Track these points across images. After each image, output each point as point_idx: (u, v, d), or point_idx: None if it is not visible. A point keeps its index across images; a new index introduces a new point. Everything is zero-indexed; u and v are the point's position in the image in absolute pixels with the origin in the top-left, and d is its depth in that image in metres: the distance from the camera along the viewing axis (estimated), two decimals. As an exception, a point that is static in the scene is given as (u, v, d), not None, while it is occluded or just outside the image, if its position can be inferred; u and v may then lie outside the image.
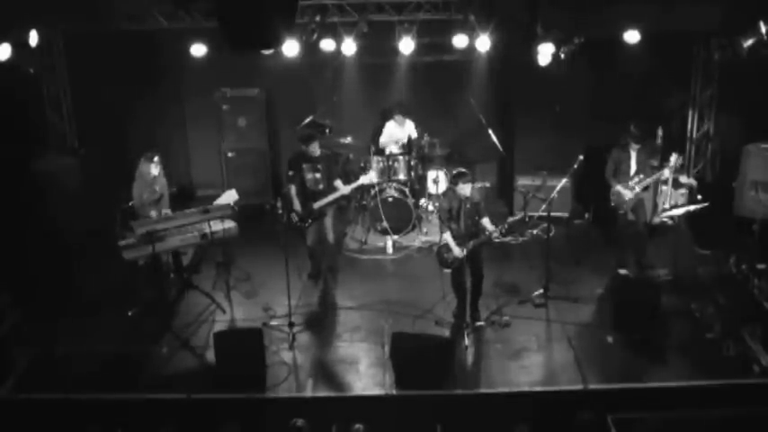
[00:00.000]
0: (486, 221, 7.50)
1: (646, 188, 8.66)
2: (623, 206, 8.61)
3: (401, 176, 10.17)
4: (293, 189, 8.55)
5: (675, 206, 9.32)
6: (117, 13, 9.07)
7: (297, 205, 8.50)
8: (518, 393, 6.69)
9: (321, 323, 8.00)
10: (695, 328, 7.54)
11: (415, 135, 10.39)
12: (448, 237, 7.51)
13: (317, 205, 8.48)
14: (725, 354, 7.09)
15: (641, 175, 8.52)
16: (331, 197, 8.51)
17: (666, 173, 8.63)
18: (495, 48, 9.22)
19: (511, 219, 7.64)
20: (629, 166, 8.59)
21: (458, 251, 7.43)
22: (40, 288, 8.24)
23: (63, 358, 7.26)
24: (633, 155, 8.57)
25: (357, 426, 5.50)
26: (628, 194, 8.51)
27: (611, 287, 8.34)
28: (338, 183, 8.59)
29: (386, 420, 6.14)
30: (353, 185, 8.73)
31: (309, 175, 8.51)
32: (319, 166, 8.50)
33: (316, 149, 8.46)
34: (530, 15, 8.80)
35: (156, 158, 8.18)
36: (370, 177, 9.09)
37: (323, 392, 6.82)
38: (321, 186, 8.52)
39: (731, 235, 8.71)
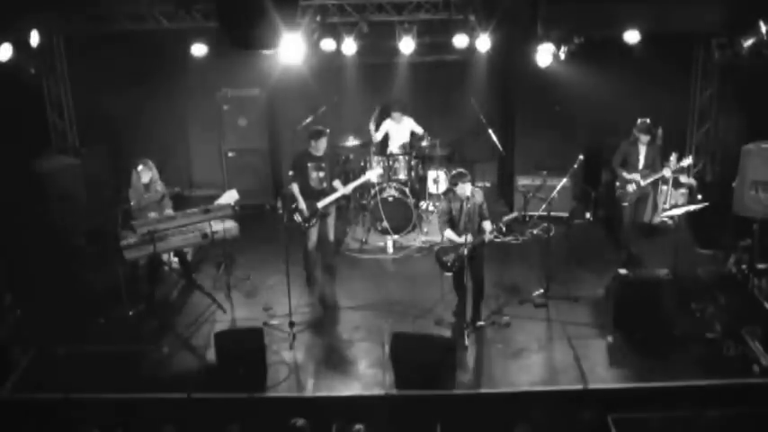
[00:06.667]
0: (486, 224, 7.46)
1: (654, 183, 8.76)
2: (627, 197, 8.68)
3: (401, 176, 10.17)
4: (296, 188, 8.43)
5: (675, 206, 9.32)
6: (117, 13, 9.08)
7: (302, 204, 8.38)
8: (518, 393, 6.70)
9: (321, 323, 8.01)
10: (695, 328, 7.53)
11: (420, 130, 10.29)
12: (449, 232, 7.48)
13: (320, 204, 8.45)
14: (725, 354, 7.09)
15: (648, 170, 8.61)
16: (333, 197, 8.48)
17: (667, 172, 8.67)
18: (495, 48, 9.23)
19: (506, 218, 7.59)
20: (637, 160, 8.68)
21: (461, 241, 7.30)
22: (40, 288, 8.24)
23: (63, 358, 7.26)
24: (642, 149, 8.66)
25: (357, 426, 5.50)
26: (632, 185, 8.63)
27: (612, 287, 8.34)
28: (337, 183, 8.56)
29: (386, 420, 6.15)
30: (358, 182, 8.73)
31: (314, 174, 8.41)
32: (323, 165, 8.43)
33: (321, 148, 8.36)
34: (530, 15, 8.80)
35: (141, 167, 8.11)
36: (376, 172, 9.08)
37: (323, 392, 6.82)
38: (324, 185, 8.48)
39: (731, 235, 8.71)
